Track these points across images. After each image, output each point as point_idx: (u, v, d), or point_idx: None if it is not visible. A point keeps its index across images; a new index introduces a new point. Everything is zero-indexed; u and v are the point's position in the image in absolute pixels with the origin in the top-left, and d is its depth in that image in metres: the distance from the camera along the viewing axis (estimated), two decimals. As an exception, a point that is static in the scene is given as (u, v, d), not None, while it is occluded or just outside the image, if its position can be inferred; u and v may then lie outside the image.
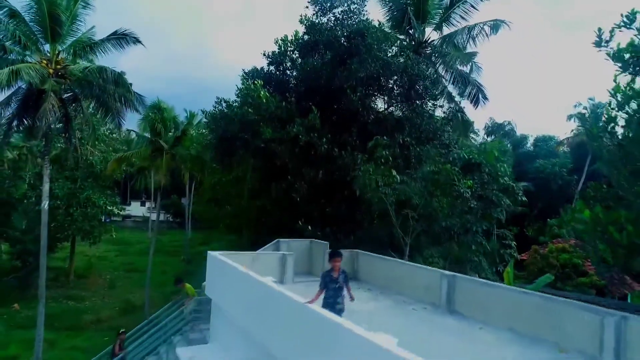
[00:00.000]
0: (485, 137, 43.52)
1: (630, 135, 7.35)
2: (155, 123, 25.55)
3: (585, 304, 7.19)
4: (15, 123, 19.74)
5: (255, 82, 14.56)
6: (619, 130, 7.50)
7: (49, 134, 19.16)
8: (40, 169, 31.08)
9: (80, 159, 29.68)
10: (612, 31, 7.39)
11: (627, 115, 7.52)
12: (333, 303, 6.52)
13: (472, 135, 27.09)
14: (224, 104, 15.52)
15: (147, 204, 50.99)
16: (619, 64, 7.45)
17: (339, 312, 6.41)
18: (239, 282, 8.45)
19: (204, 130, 25.94)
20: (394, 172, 11.34)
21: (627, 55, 7.22)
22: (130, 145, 34.87)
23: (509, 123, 45.02)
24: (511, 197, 11.98)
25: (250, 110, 13.82)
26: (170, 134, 26.68)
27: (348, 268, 11.96)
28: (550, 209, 34.26)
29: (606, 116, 7.47)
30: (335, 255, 6.98)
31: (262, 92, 14.18)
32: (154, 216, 38.86)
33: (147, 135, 26.42)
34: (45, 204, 18.24)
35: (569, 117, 35.43)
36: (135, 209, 52.42)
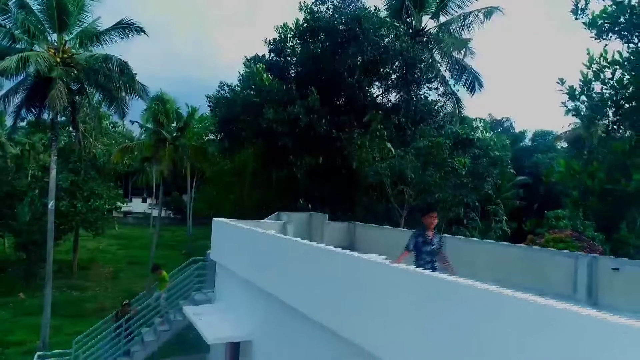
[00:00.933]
0: (484, 133, 44.19)
1: (605, 97, 8.04)
2: (158, 114, 26.25)
3: (561, 250, 7.87)
4: (23, 112, 20.47)
5: (258, 65, 15.29)
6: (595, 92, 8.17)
7: (56, 122, 19.86)
8: (44, 163, 31.89)
9: (84, 152, 30.46)
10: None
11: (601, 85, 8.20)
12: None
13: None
14: (226, 89, 16.23)
15: (149, 201, 51.74)
16: (594, 31, 8.14)
17: None
18: (244, 239, 9.12)
19: (206, 123, 26.65)
20: (389, 145, 12.03)
21: (600, 22, 7.90)
22: (132, 140, 35.65)
23: (508, 119, 45.72)
24: (498, 168, 12.65)
25: (252, 92, 14.52)
26: (172, 125, 27.39)
27: (346, 239, 12.65)
28: (549, 203, 34.87)
29: (581, 80, 8.15)
30: (431, 210, 5.72)
31: (264, 75, 14.88)
32: (155, 212, 39.51)
33: (150, 126, 27.12)
34: (52, 194, 18.93)
35: (566, 112, 35.95)
36: (137, 205, 53.15)
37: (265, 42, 17.54)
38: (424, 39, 18.97)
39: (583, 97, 7.96)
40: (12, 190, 31.47)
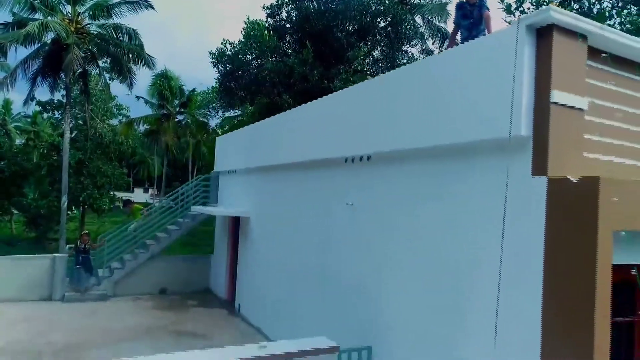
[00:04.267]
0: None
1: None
2: (162, 90, 28.47)
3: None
4: (39, 79, 22.72)
5: (259, 21, 17.54)
6: None
7: (69, 87, 22.12)
8: (53, 141, 34.17)
9: (90, 132, 32.74)
10: None
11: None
12: None
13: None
14: (229, 46, 18.47)
15: (150, 191, 53.86)
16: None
17: None
18: (243, 138, 11.29)
19: (208, 96, 28.77)
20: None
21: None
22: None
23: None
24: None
25: (253, 45, 16.74)
26: (176, 101, 29.61)
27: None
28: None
29: None
30: None
31: (264, 32, 17.11)
32: (156, 203, 41.55)
33: (155, 101, 29.33)
34: (66, 160, 21.10)
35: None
36: (139, 195, 55.29)
37: (264, 7, 19.81)
38: (407, 7, 21.24)
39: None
40: (21, 169, 33.74)
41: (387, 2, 17.72)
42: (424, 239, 5.65)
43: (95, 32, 22.15)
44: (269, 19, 20.21)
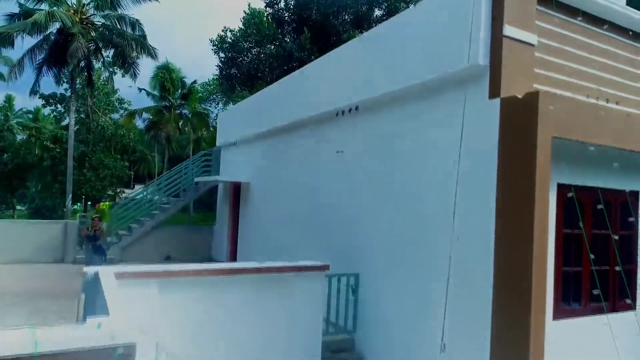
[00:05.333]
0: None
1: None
2: (164, 82, 29.32)
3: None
4: (44, 69, 23.58)
5: (259, 9, 18.44)
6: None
7: (74, 75, 22.98)
8: (56, 133, 35.05)
9: (92, 124, 33.64)
10: None
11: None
12: None
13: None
14: (229, 33, 19.35)
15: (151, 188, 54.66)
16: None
17: None
18: (246, 108, 12.15)
19: (209, 87, 29.60)
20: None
21: None
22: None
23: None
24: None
25: (253, 31, 17.62)
26: (177, 93, 30.47)
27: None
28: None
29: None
30: None
31: (264, 18, 17.99)
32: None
33: (156, 93, 30.18)
34: (71, 151, 21.95)
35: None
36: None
37: (263, -2, 20.74)
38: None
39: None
40: (24, 162, 34.63)
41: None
42: (401, 175, 6.48)
43: (99, 23, 23.05)
44: (268, 8, 21.12)
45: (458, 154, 5.30)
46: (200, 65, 63.79)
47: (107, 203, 15.32)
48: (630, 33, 6.10)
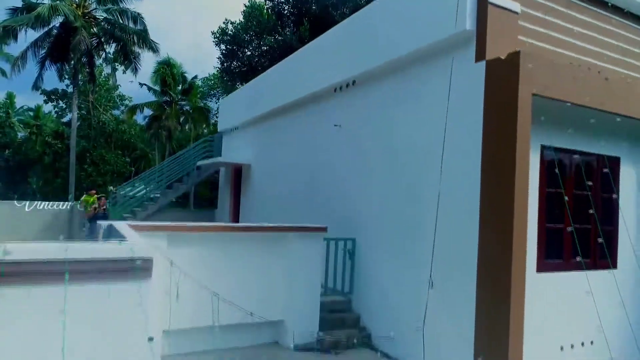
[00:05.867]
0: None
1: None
2: (165, 77, 29.74)
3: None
4: (47, 63, 23.98)
5: (260, 3, 18.87)
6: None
7: (77, 67, 23.39)
8: (57, 129, 35.45)
9: (93, 120, 34.08)
10: None
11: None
12: None
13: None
14: (230, 25, 19.77)
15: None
16: None
17: None
18: (247, 92, 12.58)
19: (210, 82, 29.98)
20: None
21: None
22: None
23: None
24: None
25: (254, 23, 18.04)
26: (178, 88, 30.88)
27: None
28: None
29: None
30: None
31: (264, 12, 18.42)
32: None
33: (157, 88, 30.58)
34: (74, 142, 22.29)
35: None
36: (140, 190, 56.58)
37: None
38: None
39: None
40: (25, 158, 35.05)
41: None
42: (393, 145, 6.88)
43: (101, 17, 23.47)
44: (267, 1, 21.55)
45: (446, 117, 5.69)
46: (201, 62, 64.16)
47: (93, 193, 15.25)
48: (610, 5, 6.50)
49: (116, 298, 3.28)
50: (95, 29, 23.86)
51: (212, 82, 30.25)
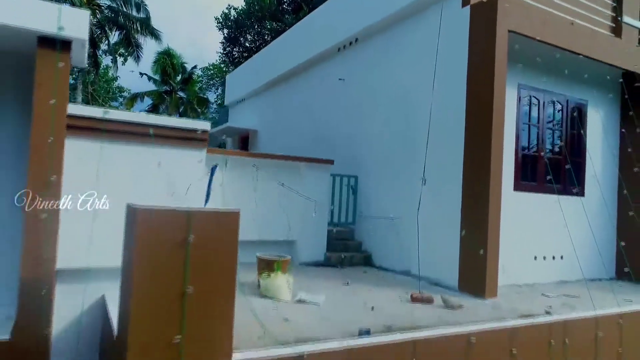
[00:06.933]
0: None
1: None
2: (166, 66, 30.67)
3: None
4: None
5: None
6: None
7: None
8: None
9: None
10: None
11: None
12: None
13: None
14: (233, 11, 20.81)
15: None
16: None
17: None
18: (253, 64, 13.57)
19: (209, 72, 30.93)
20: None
21: None
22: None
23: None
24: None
25: (256, 7, 19.10)
26: (178, 77, 31.82)
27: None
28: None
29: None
30: None
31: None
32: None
33: (158, 78, 31.50)
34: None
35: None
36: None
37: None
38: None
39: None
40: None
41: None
42: (390, 93, 7.95)
43: (105, 5, 24.41)
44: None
45: (435, 61, 6.74)
46: (198, 61, 65.06)
47: None
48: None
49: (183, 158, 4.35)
50: (98, 16, 24.75)
51: (212, 71, 31.22)
